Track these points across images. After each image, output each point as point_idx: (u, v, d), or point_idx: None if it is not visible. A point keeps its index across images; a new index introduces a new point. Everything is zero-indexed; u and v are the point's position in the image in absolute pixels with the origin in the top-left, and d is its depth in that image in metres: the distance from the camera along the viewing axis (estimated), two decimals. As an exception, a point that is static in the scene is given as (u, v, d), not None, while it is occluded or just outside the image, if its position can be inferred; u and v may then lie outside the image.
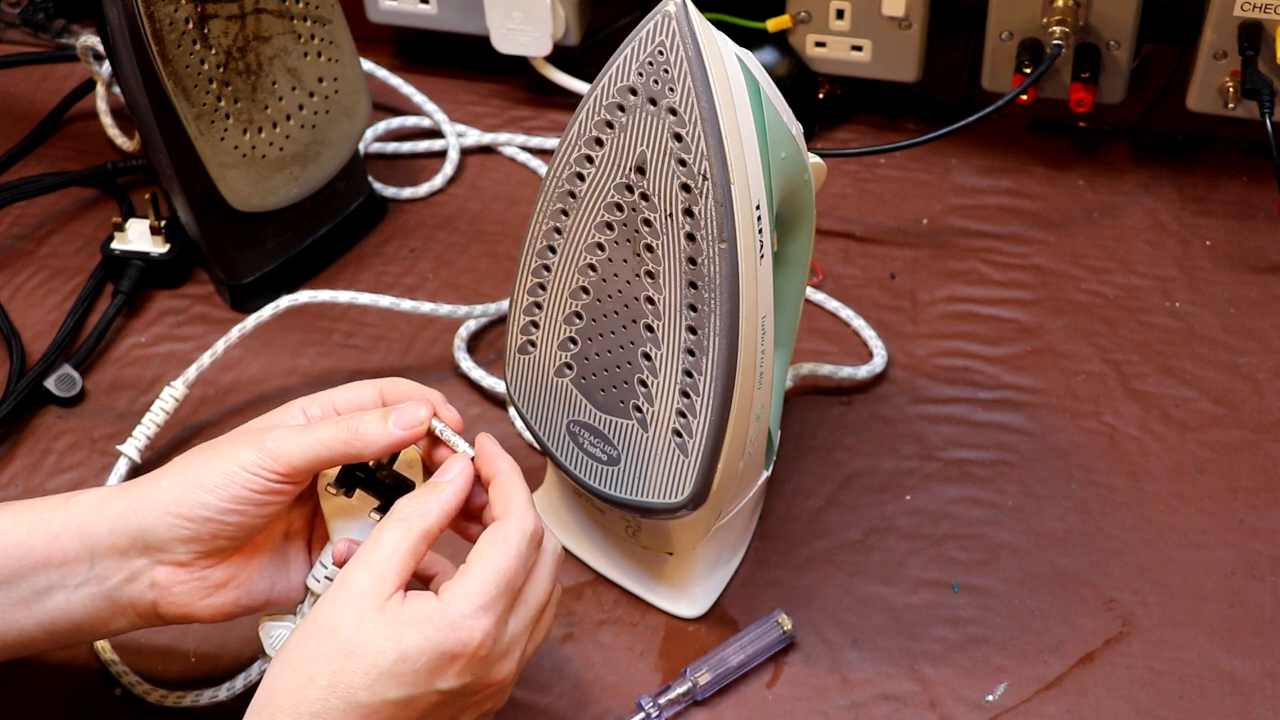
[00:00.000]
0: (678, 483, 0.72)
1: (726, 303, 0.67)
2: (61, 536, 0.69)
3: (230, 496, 0.68)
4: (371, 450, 0.68)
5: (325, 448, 0.68)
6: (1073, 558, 0.83)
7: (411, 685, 0.63)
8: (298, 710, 0.63)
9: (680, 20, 0.63)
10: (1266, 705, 0.77)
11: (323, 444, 0.68)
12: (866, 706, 0.78)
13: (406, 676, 0.63)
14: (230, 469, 0.68)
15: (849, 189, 1.06)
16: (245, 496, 0.68)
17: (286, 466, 0.68)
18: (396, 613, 0.64)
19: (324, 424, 0.69)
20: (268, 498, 0.68)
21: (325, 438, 0.68)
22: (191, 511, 0.68)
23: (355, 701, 0.63)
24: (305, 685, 0.63)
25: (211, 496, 0.68)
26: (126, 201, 1.05)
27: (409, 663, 0.63)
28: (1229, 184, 1.05)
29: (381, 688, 0.63)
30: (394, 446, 0.69)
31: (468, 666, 0.64)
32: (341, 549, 0.70)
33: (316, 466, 0.69)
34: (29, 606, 0.70)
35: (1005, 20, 1.00)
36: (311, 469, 0.69)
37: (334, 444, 0.68)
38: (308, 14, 0.92)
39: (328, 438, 0.68)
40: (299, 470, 0.68)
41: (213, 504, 0.68)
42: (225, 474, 0.68)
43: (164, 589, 0.69)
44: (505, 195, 1.07)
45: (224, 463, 0.68)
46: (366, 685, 0.63)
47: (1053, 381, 0.92)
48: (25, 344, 0.97)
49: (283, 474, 0.68)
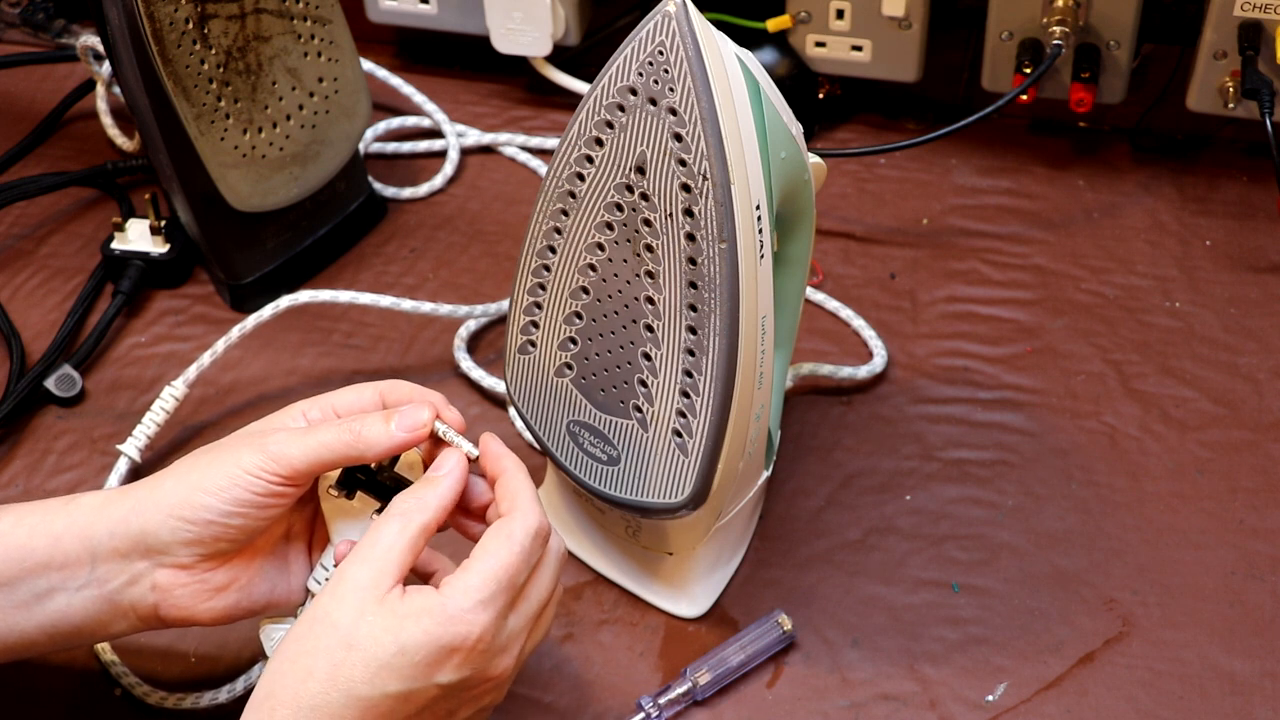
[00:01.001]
0: (678, 483, 0.72)
1: (726, 303, 0.67)
2: (63, 539, 0.69)
3: (232, 499, 0.68)
4: (374, 452, 0.68)
5: (327, 450, 0.68)
6: (1073, 558, 0.83)
7: (411, 678, 0.63)
8: (297, 704, 0.63)
9: (680, 20, 0.63)
10: (1266, 705, 0.77)
11: (325, 446, 0.68)
12: (866, 706, 0.78)
13: (406, 669, 0.63)
14: (232, 471, 0.68)
15: (849, 189, 1.06)
16: (247, 499, 0.68)
17: (288, 469, 0.68)
18: (395, 606, 0.64)
19: (326, 426, 0.69)
20: (269, 500, 0.68)
21: (327, 440, 0.68)
22: (193, 514, 0.68)
23: (355, 694, 0.63)
24: (304, 679, 0.63)
25: (213, 499, 0.68)
26: (126, 201, 1.05)
27: (408, 655, 0.63)
28: (1229, 184, 1.05)
29: (381, 680, 0.63)
30: (396, 449, 0.69)
31: (466, 660, 0.64)
32: (343, 550, 0.70)
33: (318, 469, 0.69)
34: (29, 609, 0.70)
35: (1005, 20, 1.00)
36: (313, 471, 0.69)
37: (336, 446, 0.68)
38: (308, 14, 0.92)
39: (330, 440, 0.68)
40: (301, 473, 0.68)
41: (215, 506, 0.68)
42: (227, 476, 0.68)
43: (165, 591, 0.69)
44: (505, 195, 1.07)
45: (226, 465, 0.68)
46: (366, 678, 0.63)
47: (1053, 381, 0.92)
48: (25, 344, 0.96)
49: (285, 476, 0.68)
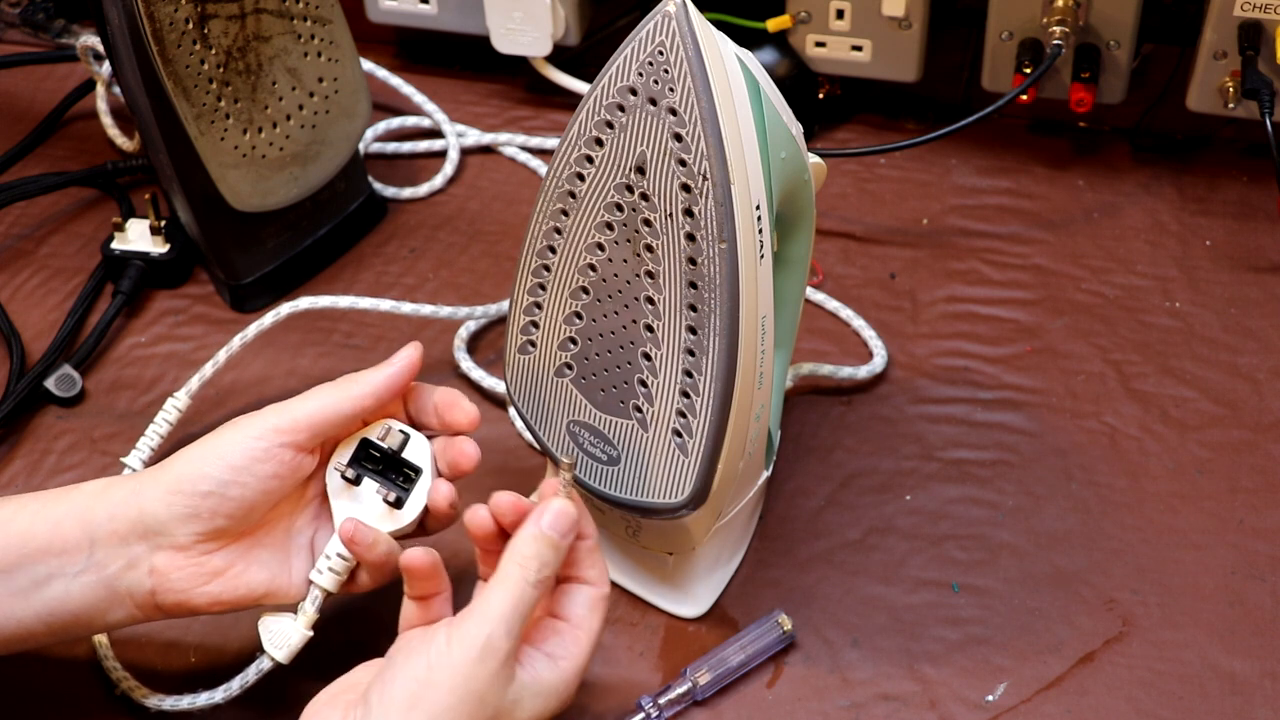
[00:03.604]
0: (678, 483, 0.72)
1: (726, 303, 0.67)
2: (63, 524, 0.70)
3: (230, 466, 0.69)
4: (370, 391, 0.72)
5: (329, 398, 0.71)
6: (1073, 558, 0.83)
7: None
8: None
9: (680, 20, 0.63)
10: (1266, 705, 0.77)
11: (323, 398, 0.71)
12: (866, 706, 0.77)
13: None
14: (233, 437, 0.70)
15: (849, 189, 1.06)
16: (247, 464, 0.69)
17: (290, 423, 0.70)
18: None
19: (324, 385, 0.72)
20: (271, 467, 0.70)
21: (325, 394, 0.72)
22: (191, 486, 0.69)
23: None
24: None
25: (211, 467, 0.69)
26: (126, 201, 1.05)
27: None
28: (1229, 184, 1.05)
29: None
30: (390, 388, 0.72)
31: None
32: (347, 528, 0.71)
33: (320, 424, 0.71)
34: (28, 597, 0.70)
35: (1005, 20, 1.00)
36: (315, 428, 0.71)
37: (334, 393, 0.71)
38: (308, 14, 0.92)
39: (327, 393, 0.72)
40: (302, 427, 0.70)
41: (212, 475, 0.69)
42: (228, 444, 0.70)
43: (162, 575, 0.70)
44: (505, 195, 1.07)
45: (225, 436, 0.71)
46: None
47: (1053, 381, 0.92)
48: (25, 344, 0.97)
49: (286, 430, 0.70)
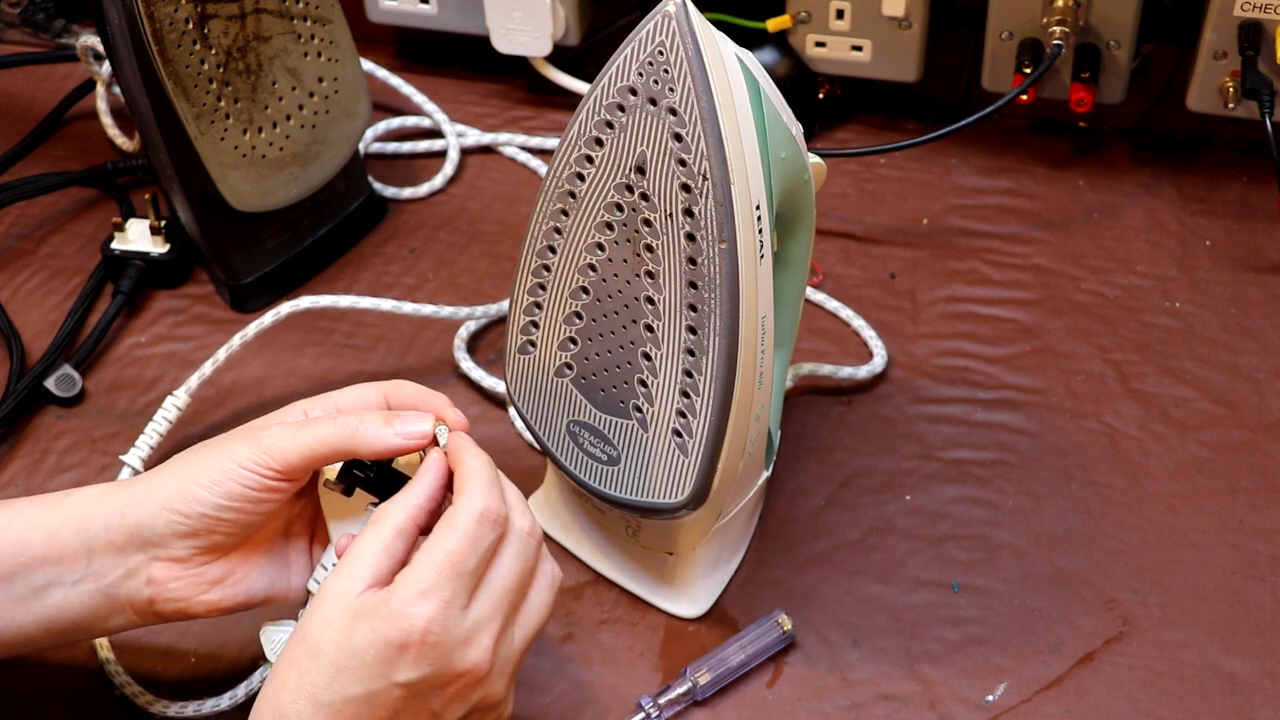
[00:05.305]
0: (678, 483, 0.72)
1: (726, 303, 0.67)
2: (59, 533, 0.69)
3: (226, 493, 0.68)
4: (368, 450, 0.68)
5: (323, 444, 0.68)
6: (1073, 558, 0.83)
7: (368, 680, 0.63)
8: (273, 714, 0.63)
9: (680, 20, 0.63)
10: (1266, 705, 0.77)
11: (320, 440, 0.68)
12: (866, 706, 0.77)
13: (360, 671, 0.63)
14: (227, 465, 0.68)
15: (849, 189, 1.06)
16: (241, 494, 0.68)
17: (283, 464, 0.68)
18: (352, 609, 0.64)
19: (323, 421, 0.69)
20: (264, 495, 0.68)
21: (323, 434, 0.68)
22: (187, 507, 0.68)
23: (318, 701, 0.63)
24: (279, 689, 0.63)
25: (207, 493, 0.68)
26: (126, 201, 1.05)
27: (359, 656, 0.63)
28: (1229, 184, 1.05)
29: (340, 685, 0.63)
30: (391, 453, 0.69)
31: (420, 655, 0.63)
32: (343, 544, 0.70)
33: (313, 464, 0.69)
34: (27, 604, 0.70)
35: (1005, 20, 1.00)
36: (308, 466, 0.69)
37: (331, 441, 0.68)
38: (308, 14, 0.92)
39: (325, 435, 0.68)
40: (294, 467, 0.68)
41: (209, 500, 0.68)
42: (221, 470, 0.68)
43: (160, 585, 0.69)
44: (505, 195, 1.07)
45: (221, 459, 0.68)
46: (326, 683, 0.63)
47: (1053, 381, 0.92)
48: (25, 344, 0.96)
49: (279, 471, 0.68)
